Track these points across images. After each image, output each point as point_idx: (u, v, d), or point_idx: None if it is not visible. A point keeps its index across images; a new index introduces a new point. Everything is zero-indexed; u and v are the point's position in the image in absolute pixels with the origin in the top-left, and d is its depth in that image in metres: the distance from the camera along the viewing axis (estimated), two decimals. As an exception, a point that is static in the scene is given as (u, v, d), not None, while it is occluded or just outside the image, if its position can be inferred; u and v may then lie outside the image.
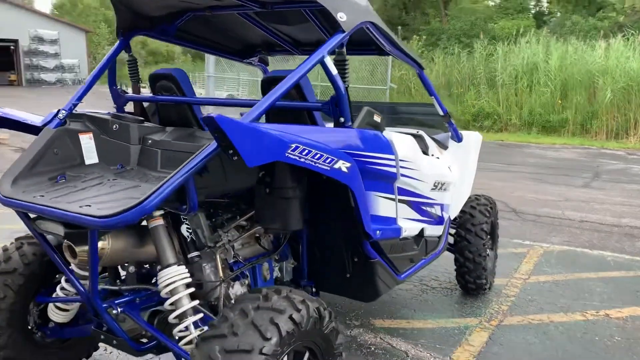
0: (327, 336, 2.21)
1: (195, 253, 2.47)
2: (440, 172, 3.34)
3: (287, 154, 1.93)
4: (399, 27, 22.19)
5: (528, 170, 10.03)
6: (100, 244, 2.18)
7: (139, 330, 2.48)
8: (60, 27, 37.26)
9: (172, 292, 2.23)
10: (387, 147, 2.62)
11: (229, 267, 2.61)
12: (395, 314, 3.78)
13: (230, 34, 3.56)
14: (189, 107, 3.06)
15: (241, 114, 2.67)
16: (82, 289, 2.28)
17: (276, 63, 18.87)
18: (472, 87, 17.45)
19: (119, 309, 2.30)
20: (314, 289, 2.98)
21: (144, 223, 2.32)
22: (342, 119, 2.43)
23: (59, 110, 2.65)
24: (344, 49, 2.48)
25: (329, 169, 2.14)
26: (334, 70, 2.37)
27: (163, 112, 3.13)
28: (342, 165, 2.21)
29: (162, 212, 2.28)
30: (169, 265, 2.25)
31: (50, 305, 2.68)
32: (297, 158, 1.98)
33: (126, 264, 2.42)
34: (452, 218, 3.82)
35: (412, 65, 3.40)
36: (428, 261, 3.39)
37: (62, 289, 2.63)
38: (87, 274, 2.57)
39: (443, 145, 3.83)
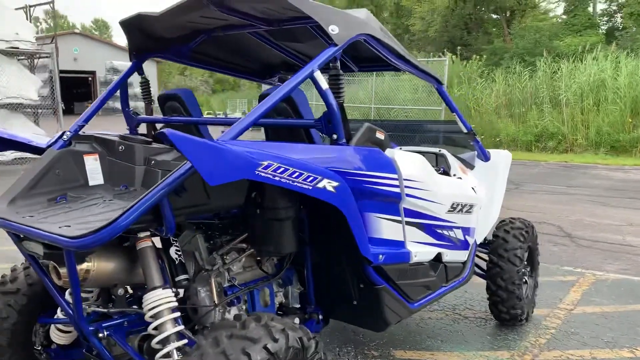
0: (313, 368, 2.06)
1: (184, 276, 2.40)
2: (460, 193, 3.12)
3: (257, 172, 1.83)
4: (458, 47, 21.75)
5: (590, 192, 9.42)
6: (85, 265, 2.15)
7: (130, 355, 2.42)
8: (134, 59, 39.21)
9: (156, 316, 2.17)
10: (387, 166, 2.46)
11: (223, 291, 2.52)
12: (420, 345, 3.55)
13: (248, 54, 3.54)
14: (195, 127, 3.03)
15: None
16: (69, 311, 2.25)
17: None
18: (534, 107, 16.78)
19: (105, 332, 2.26)
20: (321, 317, 2.83)
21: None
22: (334, 136, 2.31)
23: (64, 132, 2.68)
24: (338, 63, 2.37)
25: (310, 188, 2.02)
26: (324, 85, 2.27)
27: (172, 133, 3.13)
28: (328, 184, 2.08)
29: (147, 233, 2.23)
30: (154, 288, 2.19)
31: (52, 326, 2.68)
32: (271, 176, 1.88)
33: (115, 286, 2.37)
34: (478, 242, 3.56)
35: (429, 80, 3.23)
36: (450, 289, 3.17)
37: (62, 310, 2.63)
38: (87, 295, 2.57)
39: (469, 165, 3.61)
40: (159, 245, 2.41)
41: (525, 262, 3.93)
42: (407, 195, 2.59)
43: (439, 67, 16.55)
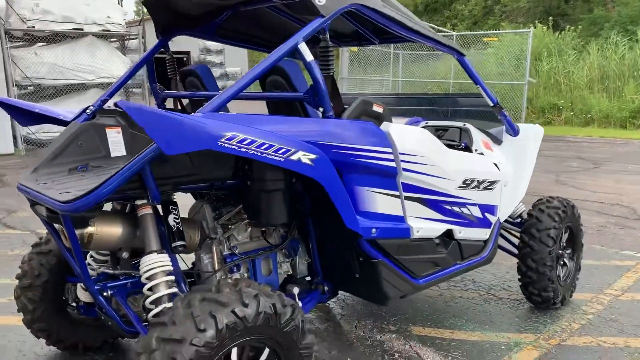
0: (289, 334, 2.12)
1: (180, 242, 2.52)
2: (475, 169, 3.00)
3: (220, 143, 1.88)
4: (550, 18, 20.36)
5: (682, 173, 8.62)
6: (90, 229, 2.33)
7: (139, 314, 2.60)
8: (225, 39, 40.45)
9: (150, 278, 2.32)
10: (380, 140, 2.43)
11: (223, 259, 2.64)
12: (442, 323, 3.49)
13: (273, 30, 3.57)
14: None
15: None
16: (78, 271, 2.45)
17: (412, 64, 18.54)
18: (632, 80, 15.47)
19: (110, 292, 2.44)
20: (326, 288, 2.87)
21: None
22: (321, 109, 2.32)
23: (87, 107, 2.88)
24: (327, 35, 2.36)
25: (282, 160, 2.05)
26: (308, 57, 2.28)
27: (194, 107, 3.26)
28: (303, 156, 2.10)
29: (145, 200, 2.37)
30: (150, 252, 2.34)
31: (79, 285, 2.93)
32: (236, 148, 1.93)
33: (120, 250, 2.55)
34: (502, 220, 3.40)
35: (449, 52, 3.11)
36: (466, 266, 3.09)
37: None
38: (105, 258, 2.79)
39: (496, 140, 3.46)
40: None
41: (564, 244, 3.74)
42: (406, 169, 2.54)
43: (522, 39, 15.64)
